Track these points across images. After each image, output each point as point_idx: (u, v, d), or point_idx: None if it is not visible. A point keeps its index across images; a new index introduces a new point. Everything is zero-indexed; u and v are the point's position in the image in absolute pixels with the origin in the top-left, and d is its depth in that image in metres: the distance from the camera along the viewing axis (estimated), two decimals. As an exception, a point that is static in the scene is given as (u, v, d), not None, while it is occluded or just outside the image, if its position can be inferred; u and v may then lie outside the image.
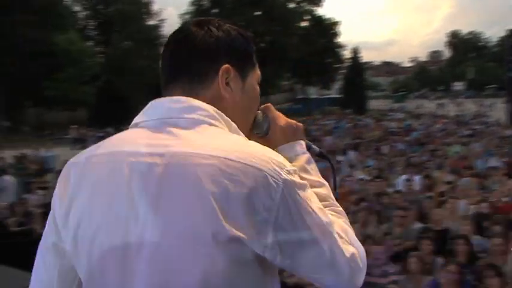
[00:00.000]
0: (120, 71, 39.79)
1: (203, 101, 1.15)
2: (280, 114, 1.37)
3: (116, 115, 38.13)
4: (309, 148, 1.40)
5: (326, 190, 1.27)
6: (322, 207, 1.13)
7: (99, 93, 39.29)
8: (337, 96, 57.75)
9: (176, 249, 1.02)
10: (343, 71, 56.46)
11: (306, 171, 1.27)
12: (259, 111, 1.34)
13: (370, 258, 5.71)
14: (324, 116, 27.37)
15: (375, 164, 12.57)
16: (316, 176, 1.29)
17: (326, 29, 54.22)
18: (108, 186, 1.09)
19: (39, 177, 13.51)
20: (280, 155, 1.11)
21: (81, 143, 29.43)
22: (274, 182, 1.03)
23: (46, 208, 9.44)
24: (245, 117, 1.26)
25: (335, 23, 55.27)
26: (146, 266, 1.04)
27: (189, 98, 1.15)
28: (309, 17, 54.45)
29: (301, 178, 1.15)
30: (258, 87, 1.29)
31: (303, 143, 1.36)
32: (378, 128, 20.62)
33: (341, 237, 1.13)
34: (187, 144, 1.07)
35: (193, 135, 1.09)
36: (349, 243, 1.15)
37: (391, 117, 26.39)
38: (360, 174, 11.32)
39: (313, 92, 65.70)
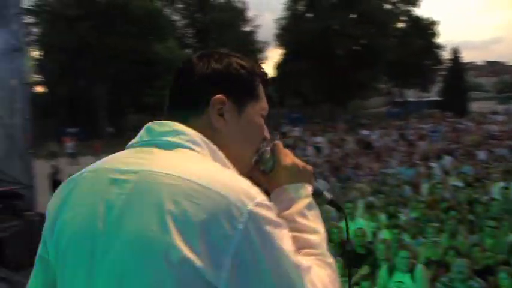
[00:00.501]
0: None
1: (193, 128, 1.18)
2: (289, 154, 1.34)
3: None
4: (320, 194, 1.36)
5: (319, 238, 1.22)
6: (295, 251, 1.07)
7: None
8: (437, 98, 55.50)
9: (132, 263, 1.02)
10: (442, 72, 54.17)
11: (303, 215, 1.23)
12: (268, 148, 1.32)
13: (454, 272, 5.43)
14: (421, 119, 26.29)
15: (470, 170, 11.92)
16: (313, 222, 1.24)
17: (424, 29, 52.29)
18: (87, 200, 1.13)
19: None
20: (254, 187, 1.07)
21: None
22: (239, 211, 1.00)
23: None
24: (242, 149, 1.26)
25: (433, 23, 53.14)
26: (106, 278, 1.05)
27: (175, 123, 1.19)
28: (406, 17, 52.83)
29: (296, 222, 1.19)
30: (260, 120, 1.28)
31: (308, 186, 1.31)
32: (477, 132, 19.53)
33: (314, 286, 1.07)
34: (160, 165, 1.09)
35: (169, 157, 1.12)
36: None
37: (493, 119, 24.82)
38: (454, 181, 10.81)
39: (412, 95, 63.66)
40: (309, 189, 1.30)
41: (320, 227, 1.25)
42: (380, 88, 56.10)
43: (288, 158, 1.32)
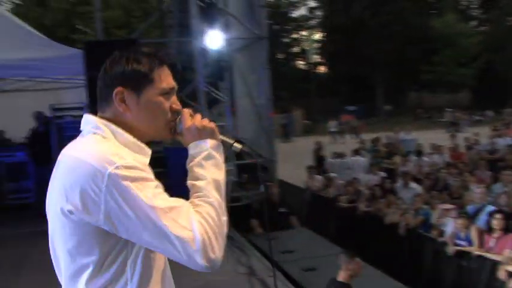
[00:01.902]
0: (501, 51, 37.34)
1: (108, 116, 1.55)
2: (192, 118, 1.61)
3: (496, 97, 36.18)
4: (229, 146, 1.66)
5: (204, 183, 1.50)
6: (157, 195, 1.40)
7: (479, 74, 37.89)
8: None
9: (52, 220, 1.52)
10: None
11: (200, 165, 1.54)
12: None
13: None
14: None
15: None
16: (206, 170, 1.53)
17: None
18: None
19: (388, 159, 14.35)
20: (118, 155, 1.42)
21: (455, 126, 29.23)
22: (101, 174, 1.37)
23: (383, 188, 10.17)
24: (150, 122, 1.57)
25: None
26: (50, 228, 1.54)
27: (89, 115, 1.58)
28: None
29: (193, 171, 1.51)
30: (159, 97, 1.56)
31: (210, 141, 1.56)
32: None
33: (175, 221, 1.36)
34: (71, 148, 1.53)
35: (78, 142, 1.55)
36: (183, 228, 1.36)
37: None
38: None
39: None
40: (210, 143, 1.56)
41: (211, 173, 1.52)
42: None
43: (189, 121, 1.58)
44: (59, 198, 1.44)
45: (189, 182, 1.55)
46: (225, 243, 1.45)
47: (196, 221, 1.38)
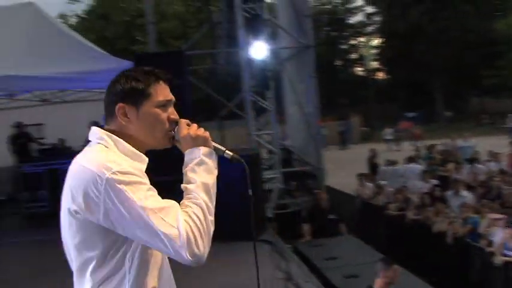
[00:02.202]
0: None
1: (113, 128, 1.77)
2: (187, 127, 1.79)
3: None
4: (221, 153, 1.81)
5: (194, 186, 1.69)
6: (148, 196, 1.58)
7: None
8: None
9: (63, 219, 1.72)
10: None
11: (193, 171, 1.72)
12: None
13: None
14: None
15: None
16: (198, 175, 1.71)
17: None
18: None
19: (442, 167, 14.06)
20: (115, 162, 1.63)
21: (516, 132, 28.14)
22: (100, 179, 1.58)
23: (433, 196, 10.01)
24: (149, 132, 1.77)
25: None
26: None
27: (95, 127, 1.79)
28: None
29: (187, 176, 1.69)
30: (156, 110, 1.75)
31: (202, 148, 1.75)
32: None
33: (163, 220, 1.55)
34: (80, 156, 1.74)
35: (85, 150, 1.76)
36: (170, 226, 1.55)
37: None
38: None
39: None
40: (203, 150, 1.75)
41: (201, 177, 1.70)
42: None
43: (185, 130, 1.76)
44: (67, 199, 1.65)
45: (182, 186, 1.72)
46: (210, 240, 1.61)
47: (182, 220, 1.56)
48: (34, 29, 10.88)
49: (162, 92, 1.76)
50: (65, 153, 10.97)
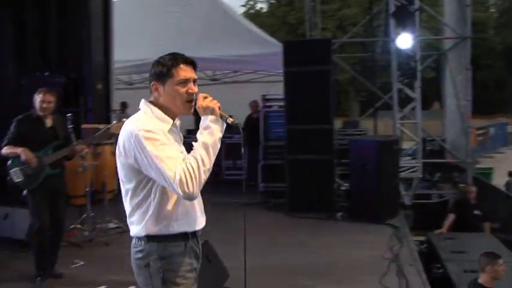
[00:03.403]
0: None
1: (152, 100, 2.38)
2: (201, 99, 2.30)
3: None
4: (225, 120, 2.29)
5: (197, 145, 2.22)
6: (160, 148, 2.15)
7: None
8: None
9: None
10: None
11: (200, 133, 2.26)
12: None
13: None
14: None
15: None
16: (202, 136, 2.24)
17: None
18: None
19: None
20: (144, 123, 2.24)
21: None
22: (133, 134, 2.21)
23: None
24: (172, 102, 2.34)
25: None
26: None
27: (143, 100, 2.41)
28: None
29: (197, 137, 2.24)
30: (177, 86, 2.31)
31: (209, 116, 2.27)
32: None
33: (167, 165, 2.13)
34: (129, 118, 2.41)
35: (134, 115, 2.40)
36: (171, 170, 2.12)
37: None
38: None
39: None
40: (210, 117, 2.26)
41: (204, 138, 2.21)
42: None
43: (199, 101, 2.29)
44: (117, 147, 2.32)
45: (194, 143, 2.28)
46: (200, 184, 2.16)
47: (180, 167, 2.13)
48: (210, 16, 12.18)
49: (182, 72, 2.31)
50: (228, 128, 12.09)
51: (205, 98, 2.31)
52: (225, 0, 13.48)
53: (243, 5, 37.44)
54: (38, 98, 4.96)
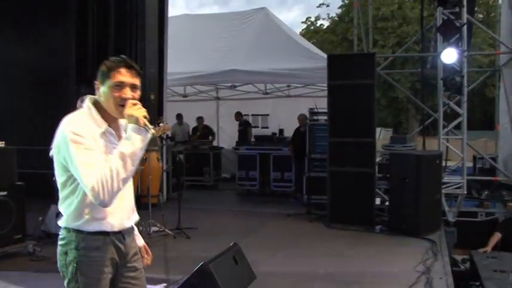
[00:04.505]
0: None
1: (96, 98, 2.40)
2: (129, 105, 2.30)
3: None
4: (147, 129, 2.28)
5: (115, 153, 2.23)
6: (82, 153, 2.20)
7: None
8: None
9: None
10: None
11: (121, 142, 2.30)
12: None
13: None
14: None
15: None
16: (121, 145, 2.26)
17: None
18: None
19: None
20: (75, 124, 2.27)
21: None
22: (63, 134, 2.25)
23: None
24: (107, 104, 2.36)
25: None
26: None
27: (89, 96, 2.44)
28: None
29: (120, 144, 2.28)
30: (112, 89, 2.32)
31: (131, 125, 2.28)
32: None
33: (85, 170, 2.18)
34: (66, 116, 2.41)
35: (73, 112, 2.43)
36: (87, 176, 2.17)
37: None
38: None
39: None
40: (132, 126, 2.26)
41: (122, 147, 2.22)
42: None
43: (127, 107, 2.29)
44: (54, 144, 2.35)
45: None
46: (112, 192, 2.18)
47: (94, 176, 2.16)
48: (263, 31, 12.50)
49: (120, 76, 2.33)
50: (278, 141, 12.33)
51: (134, 105, 2.32)
52: (284, 17, 13.87)
53: (303, 22, 37.77)
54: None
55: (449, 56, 8.05)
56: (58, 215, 2.54)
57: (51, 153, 2.37)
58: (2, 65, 10.60)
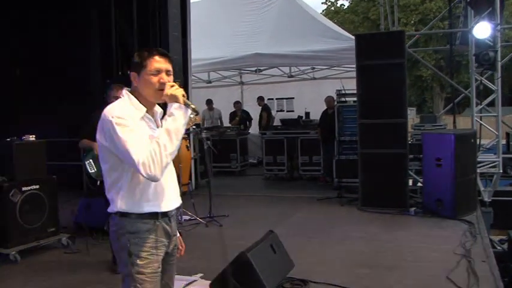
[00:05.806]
0: None
1: (132, 88, 2.57)
2: (168, 86, 2.47)
3: None
4: (187, 106, 2.43)
5: (161, 130, 2.39)
6: (128, 133, 2.32)
7: None
8: None
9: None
10: None
11: (165, 119, 2.42)
12: None
13: None
14: None
15: None
16: (166, 123, 2.39)
17: None
18: None
19: None
20: (118, 110, 2.41)
21: None
22: (107, 119, 2.38)
23: None
24: (145, 91, 2.53)
25: None
26: None
27: (126, 88, 2.61)
28: None
29: (162, 123, 2.41)
30: (149, 76, 2.49)
31: (174, 104, 2.44)
32: None
33: (133, 149, 2.29)
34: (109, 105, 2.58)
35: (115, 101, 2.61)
36: (136, 153, 2.28)
37: None
38: None
39: None
40: (174, 105, 2.43)
41: (168, 124, 2.37)
42: None
43: (166, 89, 2.46)
44: (98, 131, 2.49)
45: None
46: (162, 166, 2.31)
47: (144, 151, 2.29)
48: (285, 13, 12.30)
49: (154, 63, 2.50)
50: (304, 125, 12.19)
51: (172, 86, 2.48)
52: (305, -2, 13.60)
53: (323, 2, 37.26)
54: (111, 94, 5.24)
55: (483, 30, 7.80)
56: (89, 207, 2.62)
57: (101, 141, 2.47)
58: (30, 57, 10.62)
